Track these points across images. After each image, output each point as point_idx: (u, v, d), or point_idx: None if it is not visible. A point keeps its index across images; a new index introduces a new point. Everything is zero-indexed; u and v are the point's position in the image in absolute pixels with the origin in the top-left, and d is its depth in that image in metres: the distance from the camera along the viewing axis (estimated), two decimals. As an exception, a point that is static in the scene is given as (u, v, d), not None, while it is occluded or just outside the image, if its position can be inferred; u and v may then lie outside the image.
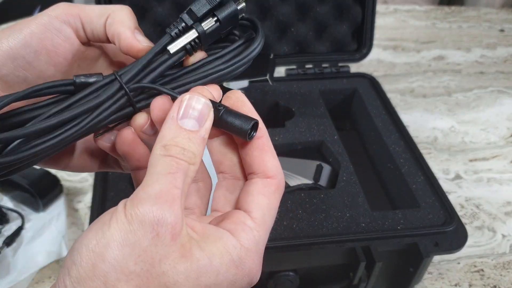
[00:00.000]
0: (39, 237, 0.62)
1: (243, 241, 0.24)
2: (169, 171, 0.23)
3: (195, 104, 0.25)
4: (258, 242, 0.25)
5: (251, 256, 0.24)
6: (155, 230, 0.22)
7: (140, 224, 0.22)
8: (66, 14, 0.29)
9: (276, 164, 0.28)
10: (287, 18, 0.71)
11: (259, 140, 0.28)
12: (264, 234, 0.26)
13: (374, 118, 0.67)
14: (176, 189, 0.23)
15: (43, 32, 0.28)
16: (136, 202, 0.23)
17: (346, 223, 0.50)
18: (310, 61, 0.75)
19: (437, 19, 1.23)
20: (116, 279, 0.22)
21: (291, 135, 0.63)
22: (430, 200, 0.54)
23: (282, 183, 0.28)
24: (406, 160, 0.60)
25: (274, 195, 0.27)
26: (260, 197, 0.26)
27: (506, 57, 1.09)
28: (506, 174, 0.78)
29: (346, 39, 0.74)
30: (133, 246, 0.22)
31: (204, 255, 0.23)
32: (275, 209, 0.27)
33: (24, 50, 0.28)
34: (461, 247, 0.50)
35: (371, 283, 0.50)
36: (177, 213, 0.23)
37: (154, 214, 0.22)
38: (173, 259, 0.22)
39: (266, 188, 0.27)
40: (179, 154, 0.24)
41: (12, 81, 0.29)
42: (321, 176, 0.57)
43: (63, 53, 0.30)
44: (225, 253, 0.23)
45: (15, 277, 0.58)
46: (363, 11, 0.72)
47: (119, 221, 0.22)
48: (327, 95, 0.72)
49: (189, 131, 0.25)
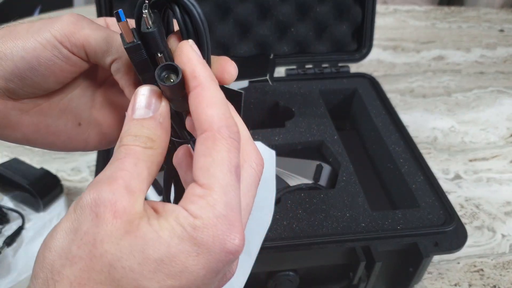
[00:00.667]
0: (40, 237, 0.62)
1: (194, 211, 0.22)
2: (117, 158, 0.24)
3: (142, 92, 0.26)
4: (215, 206, 0.22)
5: (210, 223, 0.22)
6: (93, 212, 0.22)
7: (81, 209, 0.22)
8: (69, 39, 0.28)
9: (213, 113, 0.24)
10: (287, 18, 0.71)
11: (193, 92, 0.25)
12: (222, 195, 0.23)
13: (374, 118, 0.67)
14: (120, 171, 0.23)
15: (48, 58, 0.28)
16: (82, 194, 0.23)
17: (346, 223, 0.50)
18: (310, 61, 0.75)
19: (437, 19, 1.23)
20: (61, 265, 0.22)
21: (291, 135, 0.63)
22: (430, 200, 0.54)
23: (223, 131, 0.24)
24: (406, 160, 0.60)
25: (215, 149, 0.23)
26: (201, 159, 0.23)
27: (506, 57, 1.09)
28: (506, 174, 0.78)
29: (346, 39, 0.74)
30: (76, 231, 0.22)
31: (151, 229, 0.22)
32: (228, 162, 0.23)
33: (31, 73, 0.29)
34: (461, 247, 0.50)
35: (371, 283, 0.50)
36: (117, 192, 0.22)
37: (91, 196, 0.22)
38: (116, 236, 0.22)
39: (204, 147, 0.24)
40: (130, 141, 0.24)
41: (21, 95, 0.30)
42: (321, 176, 0.57)
43: (70, 73, 0.30)
44: (176, 225, 0.22)
45: (15, 277, 0.58)
46: (363, 11, 0.72)
47: (68, 213, 0.23)
48: (327, 95, 0.72)
49: (141, 120, 0.25)
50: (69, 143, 0.33)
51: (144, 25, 0.25)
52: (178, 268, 0.22)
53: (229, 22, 0.71)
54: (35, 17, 1.22)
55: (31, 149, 0.77)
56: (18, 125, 0.31)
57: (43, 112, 0.31)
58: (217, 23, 0.70)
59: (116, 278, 0.21)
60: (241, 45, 0.73)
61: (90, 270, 0.21)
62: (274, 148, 0.59)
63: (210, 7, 0.69)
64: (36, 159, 0.75)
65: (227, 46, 0.72)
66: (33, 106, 0.31)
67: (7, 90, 0.29)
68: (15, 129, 0.31)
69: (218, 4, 0.69)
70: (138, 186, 0.23)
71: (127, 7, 0.66)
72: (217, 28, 0.71)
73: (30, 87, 0.29)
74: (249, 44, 0.73)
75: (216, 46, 0.72)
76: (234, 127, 0.24)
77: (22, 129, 0.31)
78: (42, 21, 0.29)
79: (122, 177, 0.23)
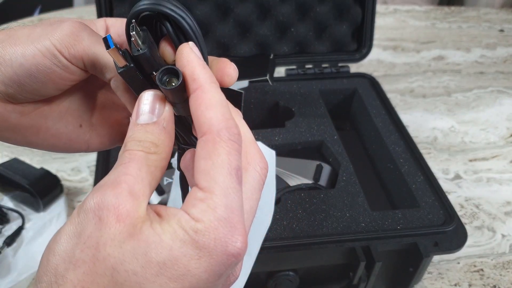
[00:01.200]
0: (40, 237, 0.62)
1: (195, 215, 0.22)
2: (121, 163, 0.24)
3: (146, 97, 0.26)
4: (216, 209, 0.22)
5: (212, 226, 0.22)
6: (97, 215, 0.22)
7: (85, 213, 0.22)
8: (68, 50, 0.28)
9: (212, 115, 0.24)
10: (287, 18, 0.71)
11: (193, 94, 0.25)
12: (222, 198, 0.23)
13: (374, 118, 0.67)
14: (124, 176, 0.23)
15: (47, 66, 0.28)
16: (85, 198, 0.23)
17: (346, 223, 0.50)
18: (310, 61, 0.75)
19: (437, 19, 1.23)
20: (65, 269, 0.22)
21: (291, 135, 0.63)
22: (430, 200, 0.54)
23: (223, 133, 0.24)
24: (406, 160, 0.60)
25: (215, 152, 0.23)
26: (201, 162, 0.23)
27: (505, 57, 1.09)
28: (506, 174, 0.78)
29: (346, 39, 0.74)
30: (79, 234, 0.22)
31: (153, 233, 0.22)
32: (228, 165, 0.23)
33: (30, 80, 0.28)
34: (461, 247, 0.50)
35: (371, 283, 0.50)
36: (121, 196, 0.22)
37: (94, 200, 0.22)
38: (119, 239, 0.22)
39: (204, 150, 0.24)
40: (134, 146, 0.24)
41: (20, 99, 0.30)
42: (321, 176, 0.58)
43: (70, 81, 0.30)
44: (178, 229, 0.22)
45: (15, 277, 0.58)
46: (363, 11, 0.72)
47: (71, 217, 0.23)
48: (327, 95, 0.72)
49: (145, 125, 0.25)
50: (71, 145, 0.33)
51: (135, 48, 0.25)
52: (180, 271, 0.22)
53: (229, 22, 0.71)
54: (35, 17, 1.22)
55: (31, 149, 0.76)
56: (18, 128, 0.31)
57: (43, 115, 0.31)
58: (217, 23, 0.70)
59: (119, 282, 0.21)
60: (241, 45, 0.73)
61: (93, 273, 0.22)
62: (274, 148, 0.59)
63: (210, 7, 0.69)
64: (36, 159, 0.75)
65: (227, 46, 0.72)
66: (33, 109, 0.31)
67: (6, 94, 0.29)
68: (15, 131, 0.31)
69: (218, 4, 0.69)
70: (141, 191, 0.23)
71: (127, 7, 0.67)
72: (217, 28, 0.71)
73: (29, 93, 0.29)
74: (249, 44, 0.73)
75: (216, 46, 0.72)
76: (235, 128, 0.24)
77: (22, 131, 0.31)
78: (43, 27, 0.29)
79: (126, 182, 0.23)
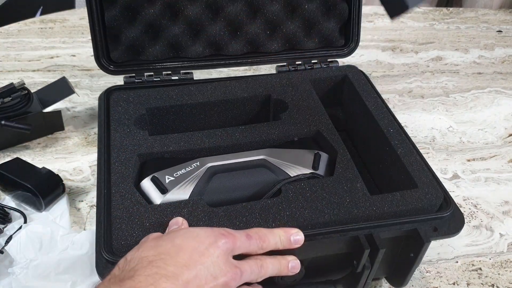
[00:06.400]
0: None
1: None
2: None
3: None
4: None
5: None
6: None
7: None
8: None
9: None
10: (277, 16, 0.73)
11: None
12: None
13: (366, 101, 0.67)
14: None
15: None
16: None
17: (346, 208, 0.51)
18: (300, 57, 0.77)
19: (435, 20, 1.24)
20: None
21: (287, 127, 0.63)
22: (427, 179, 0.55)
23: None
24: (400, 142, 0.60)
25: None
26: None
27: (503, 58, 1.10)
28: (504, 174, 0.78)
29: (334, 35, 0.76)
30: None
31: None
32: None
33: None
34: (459, 231, 0.51)
35: (374, 270, 0.51)
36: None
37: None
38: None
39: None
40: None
41: None
42: (319, 164, 0.58)
43: None
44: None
45: (18, 275, 0.58)
46: (349, 7, 0.74)
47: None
48: (318, 83, 0.73)
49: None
50: None
51: None
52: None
53: (220, 21, 0.71)
54: (37, 18, 1.22)
55: (33, 149, 0.77)
56: None
57: None
58: (208, 23, 0.71)
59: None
60: (232, 44, 0.73)
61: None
62: (271, 141, 0.60)
63: (201, 7, 0.69)
64: (38, 159, 0.75)
65: (219, 46, 0.73)
66: None
67: None
68: None
69: (209, 4, 0.70)
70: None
71: (118, 10, 0.67)
72: (208, 28, 0.71)
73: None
74: (241, 43, 0.74)
75: (208, 45, 0.73)
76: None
77: None
78: None
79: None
